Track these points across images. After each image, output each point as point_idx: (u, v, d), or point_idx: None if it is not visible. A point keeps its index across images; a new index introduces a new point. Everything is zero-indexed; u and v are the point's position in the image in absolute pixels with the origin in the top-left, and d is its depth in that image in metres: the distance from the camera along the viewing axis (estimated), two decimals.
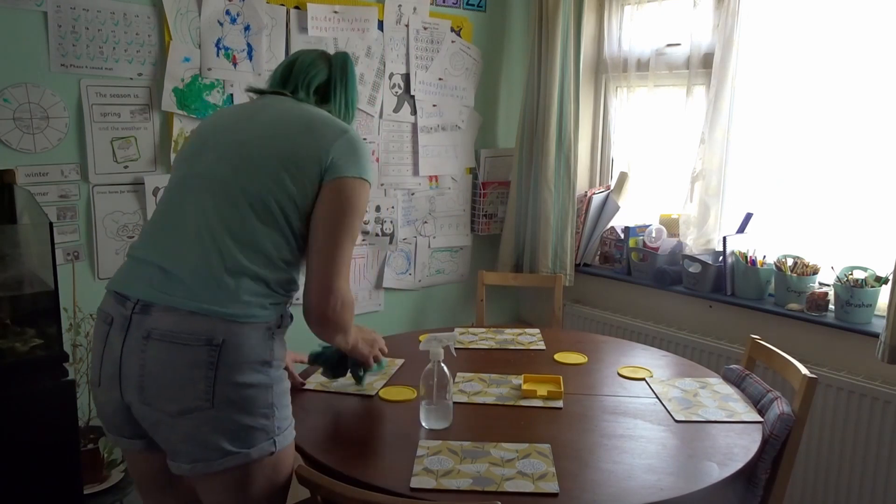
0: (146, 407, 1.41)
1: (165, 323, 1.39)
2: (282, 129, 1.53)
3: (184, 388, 1.38)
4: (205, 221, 1.45)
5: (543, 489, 1.43)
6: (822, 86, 2.65)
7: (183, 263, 1.43)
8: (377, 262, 3.15)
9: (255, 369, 1.41)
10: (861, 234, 2.61)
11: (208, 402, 1.37)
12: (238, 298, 1.40)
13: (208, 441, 1.39)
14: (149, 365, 1.39)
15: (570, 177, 3.23)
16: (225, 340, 1.38)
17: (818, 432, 2.53)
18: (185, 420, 1.39)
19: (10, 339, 1.91)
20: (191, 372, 1.37)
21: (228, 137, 1.54)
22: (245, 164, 1.48)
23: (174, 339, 1.38)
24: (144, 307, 1.41)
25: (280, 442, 1.46)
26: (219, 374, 1.37)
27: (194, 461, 1.41)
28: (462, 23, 3.25)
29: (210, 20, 2.56)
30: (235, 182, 1.47)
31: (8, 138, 2.23)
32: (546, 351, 2.29)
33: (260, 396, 1.42)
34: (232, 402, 1.39)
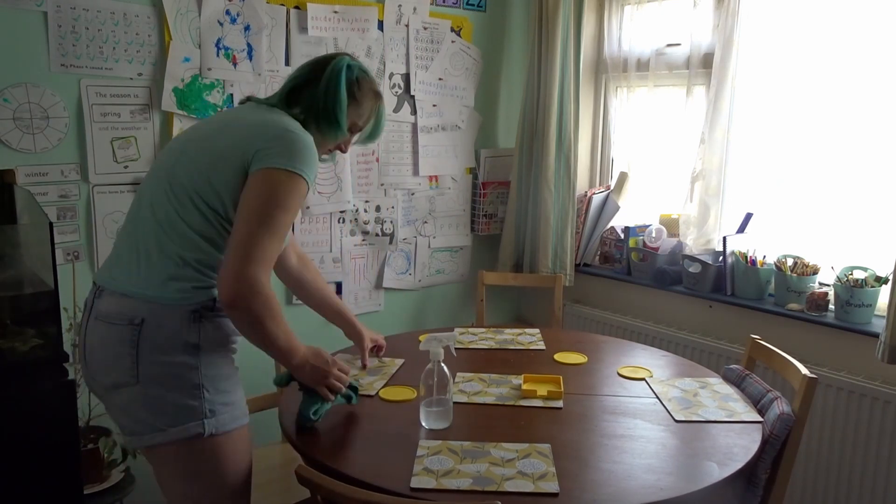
0: (91, 381, 1.56)
1: (106, 305, 1.51)
2: (226, 127, 1.58)
3: (115, 363, 1.48)
4: (141, 209, 1.55)
5: (543, 489, 1.43)
6: (822, 86, 2.65)
7: (125, 250, 1.55)
8: (377, 262, 3.16)
9: (178, 349, 1.48)
10: (861, 234, 2.61)
11: (134, 377, 1.47)
12: (162, 281, 1.48)
13: (137, 415, 1.49)
14: (92, 343, 1.53)
15: (570, 177, 3.23)
16: (144, 320, 1.47)
17: (818, 432, 2.53)
18: (117, 394, 1.50)
19: (10, 339, 1.91)
20: (118, 349, 1.47)
21: (185, 136, 1.64)
22: (183, 158, 1.56)
23: (107, 319, 1.50)
24: (99, 292, 1.55)
25: (213, 425, 1.49)
26: (140, 351, 1.46)
27: (131, 434, 1.52)
28: (462, 23, 3.25)
29: (210, 20, 2.56)
30: (172, 171, 1.54)
31: (8, 138, 2.23)
32: (546, 351, 2.29)
33: (185, 376, 1.48)
34: (156, 379, 1.47)
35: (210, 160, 1.51)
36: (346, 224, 3.03)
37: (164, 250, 1.49)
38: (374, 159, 3.06)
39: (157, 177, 1.57)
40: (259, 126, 1.54)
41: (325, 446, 1.62)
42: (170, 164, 1.56)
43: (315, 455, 1.58)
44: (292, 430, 1.69)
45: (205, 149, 1.54)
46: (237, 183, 1.48)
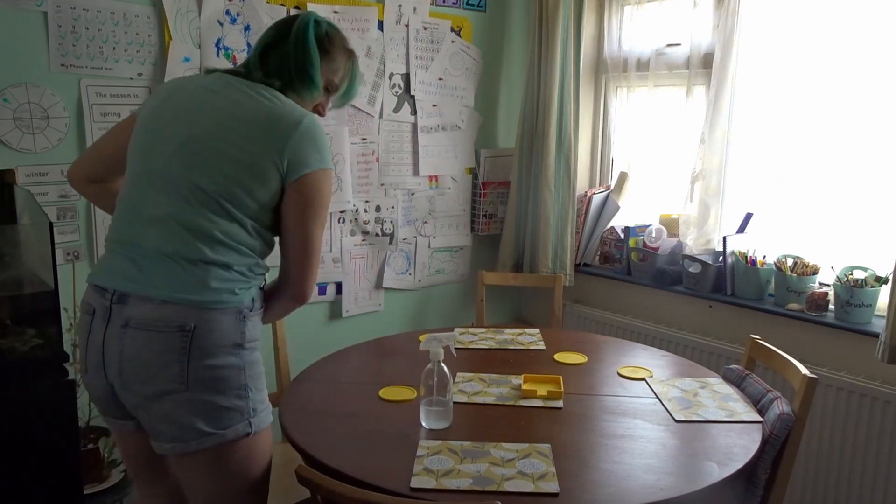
0: (126, 391, 1.48)
1: (141, 312, 1.44)
2: (234, 125, 1.50)
3: (159, 372, 1.43)
4: (166, 216, 1.48)
5: (543, 489, 1.43)
6: (822, 86, 2.65)
7: (149, 256, 1.47)
8: (377, 262, 3.15)
9: (227, 352, 1.46)
10: (861, 234, 2.61)
11: (182, 384, 1.43)
12: (206, 286, 1.45)
13: (184, 422, 1.44)
14: (126, 351, 1.45)
15: (570, 177, 3.23)
16: (196, 326, 1.43)
17: (818, 432, 2.53)
18: (161, 402, 1.45)
19: (10, 339, 1.91)
20: (165, 357, 1.43)
21: (180, 131, 1.52)
22: (198, 161, 1.48)
23: (149, 326, 1.43)
24: (121, 297, 1.46)
25: (255, 424, 1.51)
26: (191, 357, 1.43)
27: (173, 441, 1.47)
28: (462, 23, 3.25)
29: (210, 20, 2.56)
30: (188, 178, 1.48)
31: (8, 138, 2.23)
32: (546, 351, 2.29)
33: (232, 377, 1.47)
34: (205, 383, 1.44)
35: (236, 167, 1.47)
36: (346, 224, 3.03)
37: (205, 259, 1.45)
38: (374, 159, 3.06)
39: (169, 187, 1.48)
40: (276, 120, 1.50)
41: (325, 446, 1.62)
42: (182, 173, 1.48)
43: (315, 455, 1.58)
44: (293, 430, 1.69)
45: (223, 154, 1.48)
46: (275, 189, 1.51)
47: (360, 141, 3.01)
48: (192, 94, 1.57)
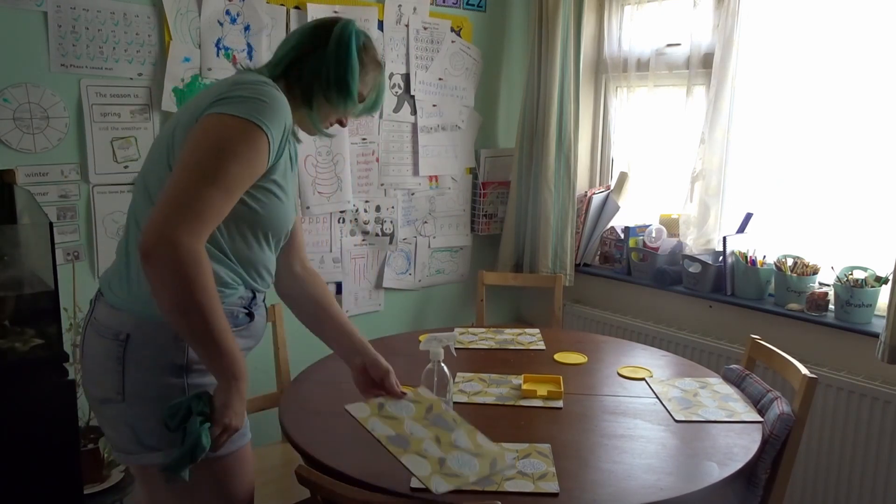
0: (85, 390, 1.45)
1: (100, 314, 1.41)
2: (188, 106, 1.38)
3: (102, 377, 1.39)
4: (129, 213, 1.43)
5: (543, 489, 1.43)
6: (822, 86, 2.65)
7: (117, 257, 1.46)
8: (377, 262, 3.15)
9: (164, 371, 1.35)
10: (861, 234, 2.61)
11: (120, 395, 1.36)
12: (148, 297, 1.25)
13: (123, 434, 1.38)
14: (85, 352, 1.44)
15: (570, 177, 3.23)
16: (130, 335, 1.35)
17: (818, 432, 2.53)
18: (105, 408, 1.41)
19: (10, 339, 1.91)
20: (105, 363, 1.38)
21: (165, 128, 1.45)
22: (151, 152, 1.43)
23: (97, 329, 1.40)
24: (99, 295, 1.45)
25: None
26: (126, 368, 1.35)
27: (119, 450, 1.42)
28: (462, 23, 3.25)
29: (210, 20, 2.56)
30: (143, 171, 1.43)
31: (8, 138, 2.23)
32: (546, 351, 2.29)
33: (173, 398, 1.32)
34: (142, 398, 1.35)
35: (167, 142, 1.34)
36: (346, 224, 3.03)
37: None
38: (374, 159, 3.06)
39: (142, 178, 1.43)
40: (217, 84, 1.36)
41: (325, 446, 1.62)
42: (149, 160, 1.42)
43: (315, 455, 1.58)
44: (293, 430, 1.69)
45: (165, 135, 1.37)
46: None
47: (360, 141, 3.01)
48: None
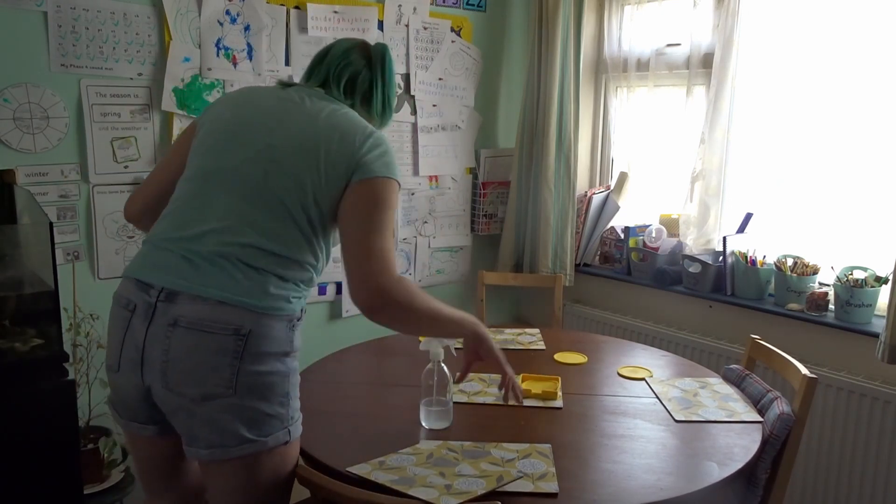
0: (168, 392, 1.43)
1: (193, 311, 1.40)
2: (312, 134, 1.51)
3: (208, 374, 1.40)
4: (233, 218, 1.46)
5: (543, 489, 1.43)
6: (822, 85, 2.65)
7: (209, 255, 1.44)
8: None
9: (275, 359, 1.44)
10: (861, 234, 2.61)
11: (231, 389, 1.39)
12: (265, 291, 1.43)
13: (228, 427, 1.41)
14: (173, 351, 1.41)
15: (570, 177, 3.23)
16: (252, 330, 1.40)
17: (818, 432, 2.53)
18: (206, 406, 1.41)
19: (10, 339, 1.91)
20: (216, 359, 1.39)
21: (259, 138, 1.53)
22: (275, 169, 1.49)
23: (202, 327, 1.40)
24: (170, 295, 1.42)
25: (293, 432, 1.49)
26: (243, 362, 1.40)
27: (212, 447, 1.42)
28: (462, 23, 3.25)
29: (210, 20, 2.56)
30: (265, 185, 1.48)
31: (8, 138, 2.23)
32: (546, 351, 2.29)
33: (278, 385, 1.44)
34: (252, 389, 1.41)
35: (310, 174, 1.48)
36: None
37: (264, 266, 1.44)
38: None
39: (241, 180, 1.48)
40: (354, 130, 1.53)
41: (325, 446, 1.62)
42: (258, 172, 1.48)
43: (315, 455, 1.58)
44: None
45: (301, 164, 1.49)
46: (338, 191, 1.50)
47: None
48: (272, 103, 1.59)
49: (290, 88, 1.62)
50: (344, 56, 1.66)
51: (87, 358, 2.27)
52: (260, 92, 1.67)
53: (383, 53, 1.69)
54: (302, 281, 1.51)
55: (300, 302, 1.51)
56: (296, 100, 1.58)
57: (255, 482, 1.46)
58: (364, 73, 1.66)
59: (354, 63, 1.66)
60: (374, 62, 1.67)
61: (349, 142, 1.51)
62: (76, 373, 2.15)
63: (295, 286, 1.49)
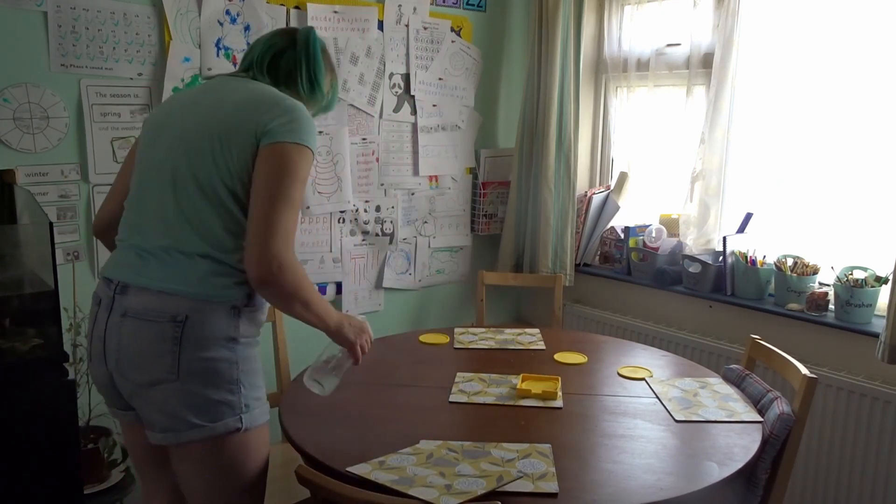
0: (123, 379, 1.52)
1: (138, 302, 1.49)
2: (221, 109, 1.53)
3: (152, 361, 1.47)
4: (166, 210, 1.52)
5: (543, 489, 1.43)
6: (822, 85, 2.65)
7: (152, 248, 1.52)
8: (377, 262, 3.15)
9: (219, 345, 1.48)
10: (861, 234, 2.61)
11: (174, 374, 1.46)
12: (201, 279, 1.48)
13: (176, 412, 1.47)
14: (124, 340, 1.49)
15: (570, 177, 3.23)
16: (188, 317, 1.46)
17: (818, 432, 2.53)
18: (154, 391, 1.48)
19: (10, 339, 1.91)
20: (158, 346, 1.46)
21: (176, 127, 1.57)
22: (192, 153, 1.51)
23: (145, 316, 1.47)
24: (123, 288, 1.51)
25: (248, 420, 1.52)
26: (183, 348, 1.46)
27: (165, 430, 1.50)
28: (462, 23, 3.25)
29: (210, 20, 2.56)
30: (186, 171, 1.51)
31: (8, 138, 2.23)
32: (546, 351, 2.29)
33: (225, 371, 1.49)
34: (196, 375, 1.47)
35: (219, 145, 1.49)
36: (346, 224, 3.03)
37: (203, 252, 1.48)
38: (374, 159, 3.06)
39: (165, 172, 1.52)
40: (261, 100, 1.53)
41: (325, 446, 1.62)
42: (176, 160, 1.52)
43: (315, 455, 1.58)
44: (293, 430, 1.69)
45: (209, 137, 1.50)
46: (250, 161, 1.49)
47: (360, 141, 3.01)
48: (190, 94, 1.70)
49: (214, 78, 1.70)
50: (269, 40, 1.69)
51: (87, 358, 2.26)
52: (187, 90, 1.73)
53: (307, 33, 1.69)
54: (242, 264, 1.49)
55: (243, 287, 1.51)
56: (214, 86, 1.65)
57: (216, 469, 1.52)
58: (288, 53, 1.66)
59: (277, 44, 1.67)
60: (298, 42, 1.67)
61: (254, 110, 1.50)
62: (76, 373, 2.15)
63: (238, 272, 1.50)
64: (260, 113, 1.50)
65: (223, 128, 1.50)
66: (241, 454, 1.53)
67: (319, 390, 1.71)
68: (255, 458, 1.56)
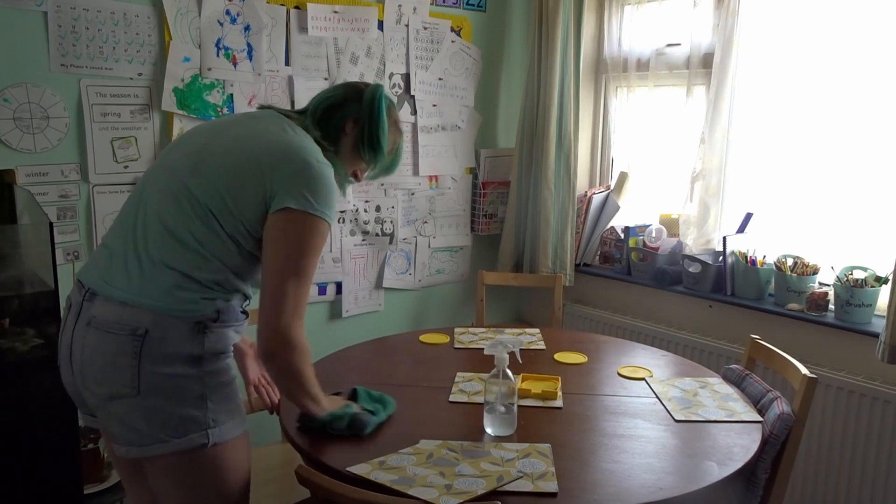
0: (85, 389, 1.48)
1: (102, 312, 1.44)
2: (247, 143, 1.50)
3: (112, 374, 1.42)
4: (145, 212, 1.49)
5: (543, 489, 1.43)
6: (822, 85, 2.65)
7: (122, 252, 1.47)
8: (377, 262, 3.16)
9: (181, 361, 1.43)
10: (861, 234, 2.61)
11: (134, 388, 1.42)
12: (167, 292, 1.42)
13: (136, 427, 1.44)
14: (86, 350, 1.45)
15: (570, 177, 3.23)
16: (148, 331, 1.41)
17: (818, 432, 2.53)
18: (115, 404, 1.44)
19: (10, 339, 1.91)
20: (118, 359, 1.42)
21: (198, 140, 1.56)
22: (200, 167, 1.49)
23: (106, 327, 1.43)
24: (91, 295, 1.47)
25: (216, 435, 1.47)
26: (143, 362, 1.41)
27: (129, 444, 1.46)
28: (462, 23, 3.25)
29: (210, 20, 2.56)
30: (186, 179, 1.48)
31: (8, 138, 2.24)
32: (546, 351, 2.29)
33: (187, 388, 1.44)
34: (158, 390, 1.42)
35: (229, 183, 1.46)
36: (346, 224, 3.03)
37: (171, 263, 1.43)
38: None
39: (165, 184, 1.50)
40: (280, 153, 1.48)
41: (325, 446, 1.62)
42: (182, 175, 1.49)
43: (315, 455, 1.58)
44: (293, 430, 1.69)
45: (223, 167, 1.47)
46: (257, 212, 1.46)
47: None
48: (231, 118, 1.66)
49: (264, 110, 1.65)
50: (333, 90, 1.67)
51: None
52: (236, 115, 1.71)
53: (375, 91, 1.65)
54: (217, 283, 1.46)
55: (212, 303, 1.45)
56: (256, 116, 1.60)
57: (188, 483, 1.48)
58: (347, 107, 1.63)
59: (338, 96, 1.65)
60: (364, 98, 1.64)
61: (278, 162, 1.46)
62: None
63: (206, 288, 1.45)
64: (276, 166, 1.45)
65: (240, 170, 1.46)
66: (214, 468, 1.48)
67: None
68: (232, 471, 1.51)
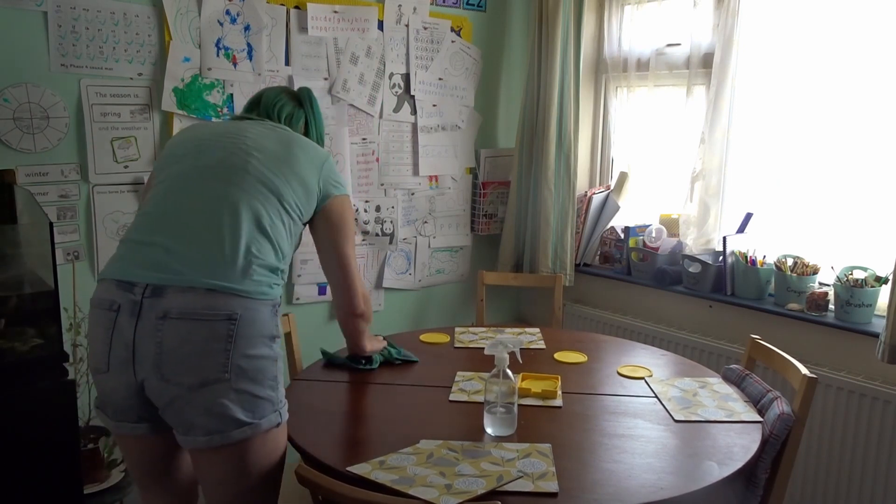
0: (164, 383, 1.47)
1: (183, 302, 1.47)
2: (277, 140, 1.72)
3: (203, 360, 1.46)
4: (228, 206, 1.57)
5: (543, 489, 1.43)
6: (822, 85, 2.65)
7: (197, 245, 1.53)
8: (377, 262, 3.15)
9: (264, 343, 1.53)
10: (861, 234, 2.61)
11: (226, 372, 1.46)
12: (251, 277, 1.53)
13: (225, 412, 1.47)
14: (166, 343, 1.46)
15: (570, 177, 3.23)
16: (241, 315, 1.48)
17: (818, 432, 2.53)
18: (202, 392, 1.46)
19: (10, 339, 1.91)
20: (210, 345, 1.46)
21: (230, 141, 1.67)
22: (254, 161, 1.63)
23: (194, 315, 1.46)
24: (156, 290, 1.48)
25: (283, 414, 1.58)
26: (235, 346, 1.47)
27: (210, 433, 1.48)
28: (462, 23, 3.25)
29: (210, 20, 2.56)
30: (256, 174, 1.61)
31: (8, 138, 2.23)
32: (546, 350, 2.29)
33: (268, 368, 1.53)
34: (245, 372, 1.49)
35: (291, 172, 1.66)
36: None
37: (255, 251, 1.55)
38: (374, 159, 3.07)
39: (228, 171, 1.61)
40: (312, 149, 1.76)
41: (325, 446, 1.63)
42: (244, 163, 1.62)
43: (315, 455, 1.58)
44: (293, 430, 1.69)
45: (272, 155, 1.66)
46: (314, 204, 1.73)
47: (360, 141, 3.01)
48: (224, 124, 1.84)
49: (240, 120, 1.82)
50: (277, 98, 1.87)
51: (87, 358, 2.27)
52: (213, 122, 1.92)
53: (308, 95, 1.92)
54: (279, 269, 1.61)
55: (279, 288, 1.61)
56: (253, 120, 1.80)
57: (248, 468, 1.53)
58: (297, 113, 1.88)
59: (287, 104, 1.87)
60: (304, 103, 1.90)
61: (314, 155, 1.74)
62: (76, 373, 2.15)
63: (273, 273, 1.59)
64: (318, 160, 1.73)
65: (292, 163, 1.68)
66: (274, 450, 1.57)
67: None
68: (281, 452, 1.60)
